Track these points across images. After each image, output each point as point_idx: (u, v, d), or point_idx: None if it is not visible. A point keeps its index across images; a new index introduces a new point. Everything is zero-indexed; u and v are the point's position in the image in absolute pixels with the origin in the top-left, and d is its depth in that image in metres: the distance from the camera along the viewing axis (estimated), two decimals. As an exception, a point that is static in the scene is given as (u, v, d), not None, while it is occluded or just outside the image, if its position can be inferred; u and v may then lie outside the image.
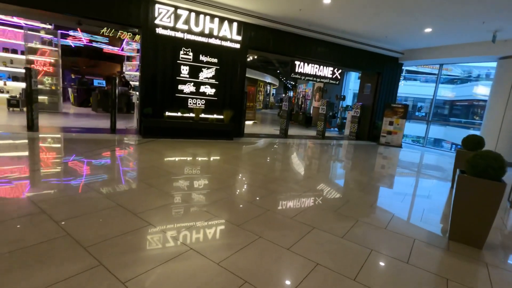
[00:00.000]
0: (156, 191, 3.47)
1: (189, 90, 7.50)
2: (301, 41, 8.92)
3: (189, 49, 7.28)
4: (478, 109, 23.22)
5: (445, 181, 5.84)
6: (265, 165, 5.49)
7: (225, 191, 3.73)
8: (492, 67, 23.08)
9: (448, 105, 25.39)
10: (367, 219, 3.29)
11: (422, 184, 5.36)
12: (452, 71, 26.48)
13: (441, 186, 5.40)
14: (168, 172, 4.28)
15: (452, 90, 25.44)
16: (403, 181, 5.58)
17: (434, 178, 6.16)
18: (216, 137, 7.72)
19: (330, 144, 9.62)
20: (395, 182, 5.30)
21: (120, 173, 4.11)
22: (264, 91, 27.86)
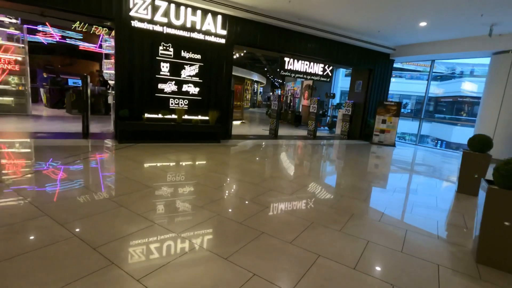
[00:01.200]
0: (126, 212, 2.86)
1: (170, 89, 6.85)
2: (290, 36, 8.41)
3: (169, 44, 6.63)
4: (464, 105, 23.46)
5: (447, 182, 5.47)
6: (255, 172, 4.94)
7: (210, 208, 3.16)
8: (476, 64, 23.32)
9: (433, 101, 25.65)
10: (378, 238, 2.81)
11: (426, 189, 4.96)
12: (436, 68, 26.76)
13: (446, 190, 5.01)
14: (143, 186, 3.67)
15: (437, 87, 25.71)
16: (406, 186, 5.16)
17: (436, 180, 5.79)
18: (202, 140, 7.11)
19: (323, 145, 9.18)
20: (398, 188, 4.87)
21: (82, 189, 3.47)
22: (251, 90, 27.28)
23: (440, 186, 5.26)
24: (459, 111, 23.72)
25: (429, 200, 4.26)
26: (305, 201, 3.67)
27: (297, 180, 4.64)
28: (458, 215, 3.70)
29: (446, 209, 4.00)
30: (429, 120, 18.74)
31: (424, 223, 3.33)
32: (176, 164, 5.00)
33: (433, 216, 3.63)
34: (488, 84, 8.46)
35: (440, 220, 3.49)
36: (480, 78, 22.29)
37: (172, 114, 6.90)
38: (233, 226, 2.78)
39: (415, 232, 3.04)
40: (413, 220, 3.41)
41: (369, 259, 2.40)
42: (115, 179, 3.90)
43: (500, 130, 7.98)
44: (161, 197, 3.38)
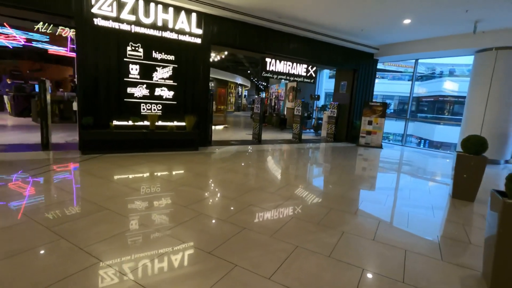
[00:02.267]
0: (65, 246, 2.29)
1: (141, 94, 6.26)
2: (271, 36, 7.99)
3: (139, 44, 6.05)
4: (445, 104, 23.83)
5: (440, 186, 5.15)
6: (234, 183, 4.44)
7: (176, 234, 2.64)
8: (456, 64, 23.77)
9: (415, 101, 26.00)
10: (374, 264, 2.36)
11: (419, 195, 4.60)
12: (417, 68, 27.21)
13: (440, 196, 4.67)
14: (98, 208, 3.09)
15: (418, 87, 26.09)
16: (398, 193, 4.79)
17: (429, 185, 5.46)
18: (178, 148, 6.54)
19: (309, 149, 8.78)
20: (390, 196, 4.49)
21: (13, 216, 2.86)
22: (235, 93, 26.81)
23: (434, 191, 4.92)
24: (440, 110, 24.10)
25: (424, 208, 3.88)
26: (289, 218, 3.19)
27: (281, 191, 4.17)
28: (458, 227, 3.33)
29: (444, 219, 3.62)
30: (412, 120, 18.85)
31: (424, 240, 2.92)
32: (144, 178, 4.43)
33: (432, 229, 3.24)
34: (473, 83, 8.32)
35: (441, 234, 3.09)
36: (460, 77, 22.73)
37: (144, 121, 6.31)
38: (200, 257, 2.26)
39: (416, 253, 2.61)
40: (411, 237, 2.99)
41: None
42: (64, 201, 3.30)
43: (486, 129, 7.82)
44: (117, 222, 2.82)
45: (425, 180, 5.86)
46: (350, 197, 4.16)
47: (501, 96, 7.61)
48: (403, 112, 19.35)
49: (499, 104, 7.64)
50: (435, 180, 5.91)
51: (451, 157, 8.80)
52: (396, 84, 25.46)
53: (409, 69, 27.87)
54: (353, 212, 3.57)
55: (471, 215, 3.78)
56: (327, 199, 4.00)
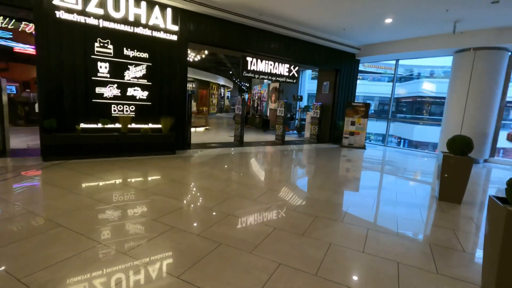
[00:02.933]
0: (9, 283, 1.88)
1: (111, 94, 5.79)
2: (252, 34, 7.71)
3: (108, 40, 5.59)
4: (423, 104, 24.47)
5: (425, 187, 5.03)
6: (212, 190, 4.10)
7: (139, 254, 2.27)
8: (434, 66, 24.45)
9: (394, 101, 26.64)
10: (365, 283, 2.11)
11: (406, 198, 4.44)
12: (397, 69, 27.94)
13: (426, 198, 4.53)
14: (50, 225, 2.67)
15: (396, 88, 26.72)
16: (384, 195, 4.61)
17: (414, 186, 5.35)
18: (153, 152, 6.11)
19: (292, 151, 8.56)
20: (375, 198, 4.30)
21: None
22: (218, 94, 26.36)
23: (420, 193, 4.79)
24: (418, 110, 24.78)
25: (412, 213, 3.70)
26: (271, 230, 2.89)
27: (262, 198, 3.87)
28: (449, 233, 3.15)
29: (434, 224, 3.45)
30: (393, 120, 19.20)
31: (416, 250, 2.71)
32: (112, 187, 4.00)
33: (423, 236, 3.05)
34: (452, 84, 8.40)
35: (433, 242, 2.90)
36: (437, 79, 23.46)
37: (115, 123, 5.84)
38: (166, 283, 1.91)
39: (409, 266, 2.38)
40: (402, 246, 2.77)
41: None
42: (11, 217, 2.84)
43: (466, 129, 7.90)
44: (71, 241, 2.42)
45: (410, 181, 5.75)
46: (336, 203, 3.92)
47: (479, 96, 7.70)
48: (383, 112, 19.65)
49: (478, 104, 7.72)
50: (419, 181, 5.82)
51: (431, 156, 8.85)
52: (376, 85, 25.99)
53: (388, 71, 28.53)
54: (339, 219, 3.32)
55: (460, 219, 3.64)
56: (311, 206, 3.74)
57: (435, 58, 9.78)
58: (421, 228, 3.27)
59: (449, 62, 8.65)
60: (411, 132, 20.12)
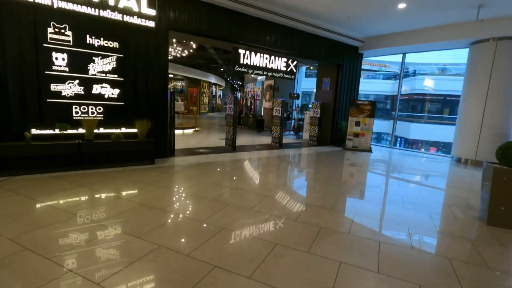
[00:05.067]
0: None
1: (72, 92, 4.69)
2: (246, 23, 6.68)
3: (65, 25, 4.48)
4: (419, 102, 23.82)
5: (461, 205, 4.09)
6: (192, 219, 3.07)
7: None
8: (427, 63, 23.77)
9: (389, 99, 26.01)
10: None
11: (444, 222, 3.50)
12: (390, 67, 27.39)
13: (470, 222, 3.59)
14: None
15: (393, 86, 26.14)
16: (414, 217, 3.66)
17: (447, 204, 4.41)
18: (127, 162, 5.04)
19: (292, 156, 7.57)
20: (404, 221, 3.35)
21: None
22: (209, 93, 25.22)
23: (457, 214, 3.83)
24: (413, 108, 24.19)
25: (459, 247, 2.75)
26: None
27: (265, 234, 2.86)
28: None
29: (498, 269, 2.50)
30: (387, 118, 18.48)
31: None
32: (57, 218, 2.92)
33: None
34: (468, 79, 7.53)
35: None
36: (434, 76, 22.86)
37: (77, 128, 4.75)
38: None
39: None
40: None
41: None
42: None
43: (486, 129, 7.04)
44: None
45: (440, 196, 4.81)
46: (360, 236, 2.94)
47: (502, 92, 6.84)
48: (379, 110, 18.85)
49: (500, 101, 6.86)
50: (452, 196, 4.87)
51: (443, 160, 7.97)
52: (370, 83, 25.39)
53: (383, 68, 27.96)
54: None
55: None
56: (318, 234, 2.74)
57: (432, 55, 8.99)
58: (488, 280, 2.31)
59: (445, 58, 7.79)
60: (408, 131, 19.44)
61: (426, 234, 3.05)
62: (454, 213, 3.76)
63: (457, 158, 7.77)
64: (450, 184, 5.61)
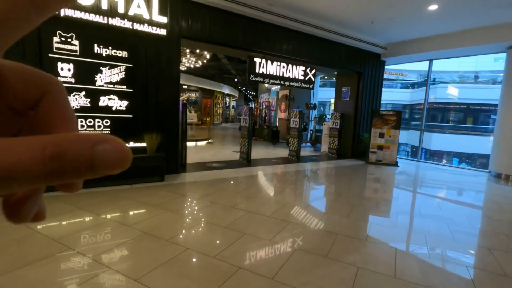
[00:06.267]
0: None
1: (78, 105, 4.39)
2: (261, 30, 6.33)
3: (72, 34, 4.22)
4: (439, 111, 22.75)
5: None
6: (211, 253, 2.60)
7: None
8: (447, 71, 22.79)
9: (408, 109, 25.04)
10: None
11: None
12: (407, 76, 26.56)
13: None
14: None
15: (411, 95, 25.25)
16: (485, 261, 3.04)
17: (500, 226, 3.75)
18: (135, 179, 4.66)
19: (312, 171, 7.03)
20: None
21: None
22: (223, 104, 25.10)
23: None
24: (433, 117, 23.15)
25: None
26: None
27: (290, 277, 2.34)
28: None
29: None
30: (405, 128, 17.60)
31: None
32: (51, 245, 2.51)
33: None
34: (508, 86, 6.82)
35: None
36: (453, 84, 21.90)
37: (83, 143, 4.42)
38: None
39: None
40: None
41: None
42: None
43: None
44: None
45: (490, 219, 4.14)
46: (386, 261, 2.37)
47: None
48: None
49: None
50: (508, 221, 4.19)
51: (485, 177, 7.17)
52: (387, 92, 24.75)
53: (400, 77, 27.12)
54: (390, 273, 1.77)
55: None
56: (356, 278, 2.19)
57: (451, 63, 8.31)
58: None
59: (466, 66, 7.10)
60: (429, 141, 18.48)
61: (493, 278, 2.43)
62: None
63: (496, 174, 6.98)
64: (501, 207, 4.89)
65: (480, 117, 20.96)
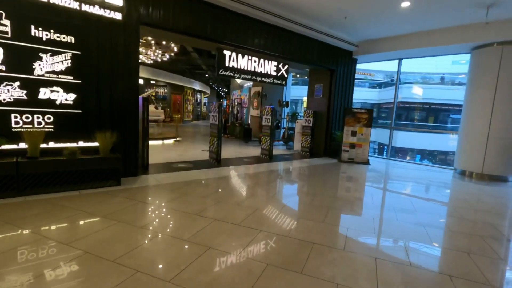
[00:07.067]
0: None
1: (10, 97, 3.69)
2: (232, 21, 5.90)
3: (1, 12, 3.52)
4: (404, 110, 23.76)
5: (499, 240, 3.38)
6: (165, 282, 2.17)
7: None
8: (411, 72, 23.83)
9: (376, 108, 25.96)
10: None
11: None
12: (375, 76, 27.55)
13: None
14: None
15: (378, 94, 26.22)
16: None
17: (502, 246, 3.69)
18: (86, 184, 4.04)
19: (285, 170, 6.76)
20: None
21: None
22: (193, 100, 24.23)
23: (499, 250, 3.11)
24: (398, 116, 24.21)
25: None
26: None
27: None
28: None
29: None
30: (373, 126, 18.12)
31: None
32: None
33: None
34: (472, 86, 7.01)
35: None
36: (420, 84, 22.98)
37: (18, 143, 3.74)
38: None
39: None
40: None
41: None
42: None
43: (493, 141, 6.49)
44: None
45: (466, 224, 4.10)
46: (365, 271, 2.12)
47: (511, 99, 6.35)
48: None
49: (510, 109, 6.35)
50: (476, 223, 4.17)
51: (450, 174, 7.36)
52: (357, 91, 25.41)
53: (368, 77, 28.01)
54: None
55: None
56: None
57: (413, 64, 8.57)
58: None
59: (427, 67, 7.30)
60: (393, 138, 19.23)
61: None
62: (495, 249, 3.01)
63: (460, 171, 7.19)
64: (467, 204, 4.92)
65: (440, 116, 22.21)
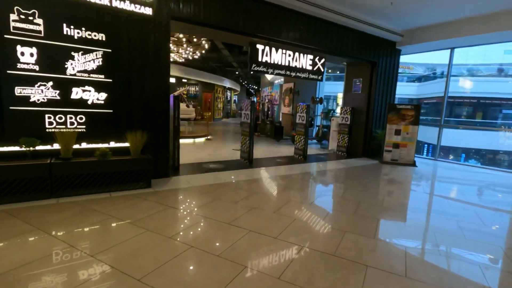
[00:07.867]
0: None
1: (44, 97, 3.65)
2: (264, 12, 5.52)
3: (34, 11, 3.46)
4: (453, 106, 21.83)
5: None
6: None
7: None
8: (464, 65, 21.72)
9: (415, 103, 24.15)
10: None
11: None
12: (414, 69, 25.56)
13: None
14: None
15: (418, 89, 24.37)
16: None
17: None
18: (117, 186, 3.93)
19: (322, 173, 6.28)
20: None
21: None
22: (224, 98, 24.28)
23: None
24: (440, 112, 22.30)
25: None
26: None
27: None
28: None
29: None
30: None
31: None
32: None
33: None
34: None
35: None
36: (466, 77, 20.91)
37: (52, 144, 3.70)
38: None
39: None
40: None
41: None
42: None
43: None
44: None
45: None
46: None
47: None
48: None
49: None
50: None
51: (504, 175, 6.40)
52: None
53: (407, 70, 26.11)
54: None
55: None
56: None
57: (459, 56, 7.53)
58: None
59: (474, 59, 6.24)
60: (435, 136, 17.75)
61: None
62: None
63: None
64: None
65: (489, 111, 20.12)
